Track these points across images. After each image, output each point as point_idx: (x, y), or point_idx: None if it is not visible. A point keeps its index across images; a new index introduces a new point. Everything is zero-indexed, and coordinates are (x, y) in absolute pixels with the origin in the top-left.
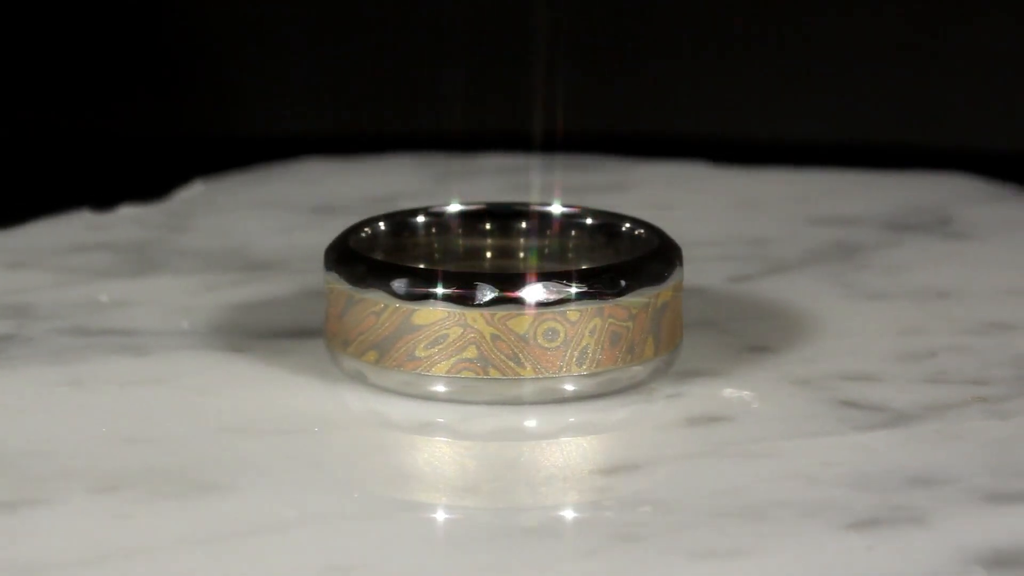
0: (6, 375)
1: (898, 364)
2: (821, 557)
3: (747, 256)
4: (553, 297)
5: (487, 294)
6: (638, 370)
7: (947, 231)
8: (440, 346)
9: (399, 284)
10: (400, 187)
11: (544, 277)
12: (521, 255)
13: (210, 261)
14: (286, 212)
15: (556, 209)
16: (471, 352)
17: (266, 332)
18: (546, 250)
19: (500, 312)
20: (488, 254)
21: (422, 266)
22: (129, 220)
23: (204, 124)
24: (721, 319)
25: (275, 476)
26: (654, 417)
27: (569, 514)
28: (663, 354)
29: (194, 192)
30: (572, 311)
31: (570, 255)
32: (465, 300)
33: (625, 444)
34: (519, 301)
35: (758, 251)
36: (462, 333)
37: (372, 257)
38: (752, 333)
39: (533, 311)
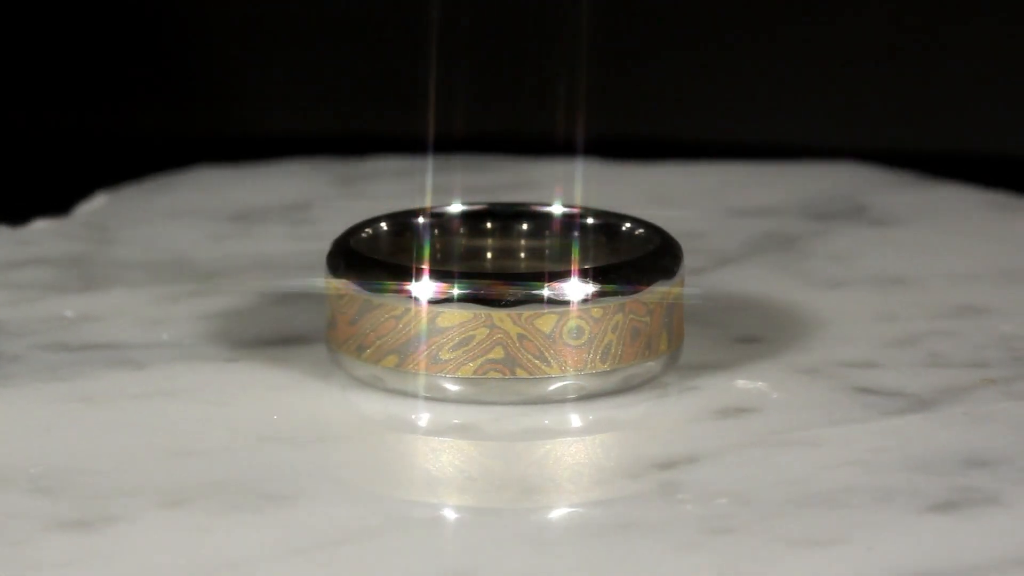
0: (10, 393)
1: (891, 350)
2: (918, 541)
3: (688, 250)
4: (579, 295)
5: (515, 294)
6: (653, 365)
7: (869, 218)
8: (466, 348)
9: (423, 287)
10: (305, 193)
11: (566, 276)
12: (522, 255)
13: (157, 273)
14: (205, 221)
15: (557, 209)
16: (497, 353)
17: (251, 341)
18: (547, 251)
19: (527, 312)
20: (489, 255)
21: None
22: (49, 234)
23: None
24: (700, 312)
25: (340, 483)
26: (682, 411)
27: (653, 509)
28: (674, 348)
29: (98, 204)
30: (596, 308)
31: (572, 255)
32: (491, 301)
33: (667, 438)
34: (545, 300)
35: (696, 244)
36: (488, 334)
37: (390, 261)
38: (736, 324)
39: (559, 309)
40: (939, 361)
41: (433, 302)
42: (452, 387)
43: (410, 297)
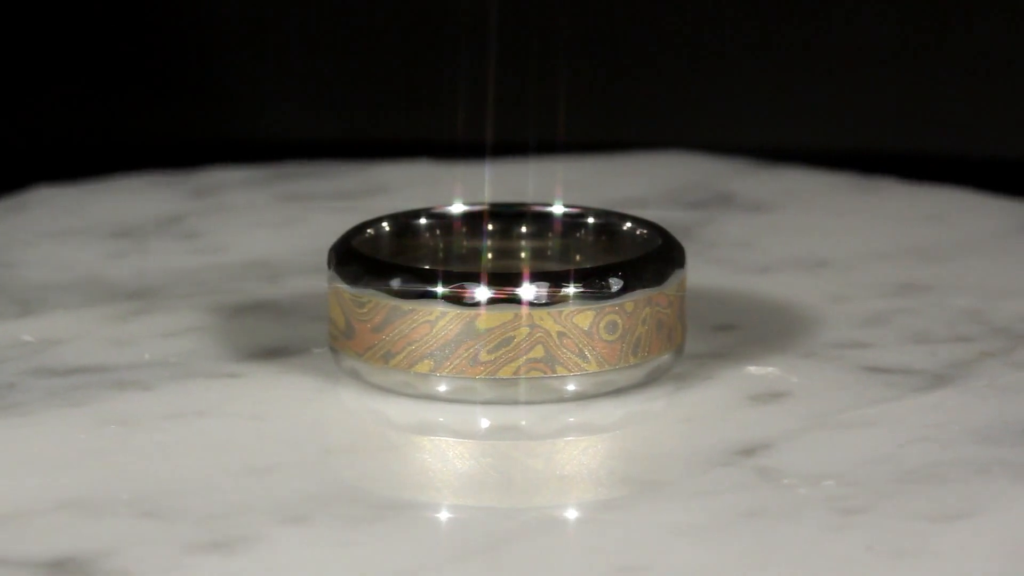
0: (33, 420)
1: (869, 330)
2: None
3: None
4: (615, 289)
5: (555, 292)
6: (671, 357)
7: (742, 205)
8: (506, 348)
9: (463, 290)
10: (165, 207)
11: (599, 271)
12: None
13: (86, 294)
14: (92, 240)
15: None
16: (538, 352)
17: (239, 355)
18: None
19: (567, 309)
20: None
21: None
22: None
23: None
24: None
25: (447, 489)
26: (721, 399)
27: (769, 496)
28: (684, 339)
29: None
30: (628, 302)
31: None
32: (532, 300)
33: (725, 427)
34: (585, 296)
35: None
36: (529, 333)
37: (418, 266)
38: (701, 314)
39: (597, 305)
40: (923, 338)
41: (471, 304)
42: (491, 389)
43: (446, 301)
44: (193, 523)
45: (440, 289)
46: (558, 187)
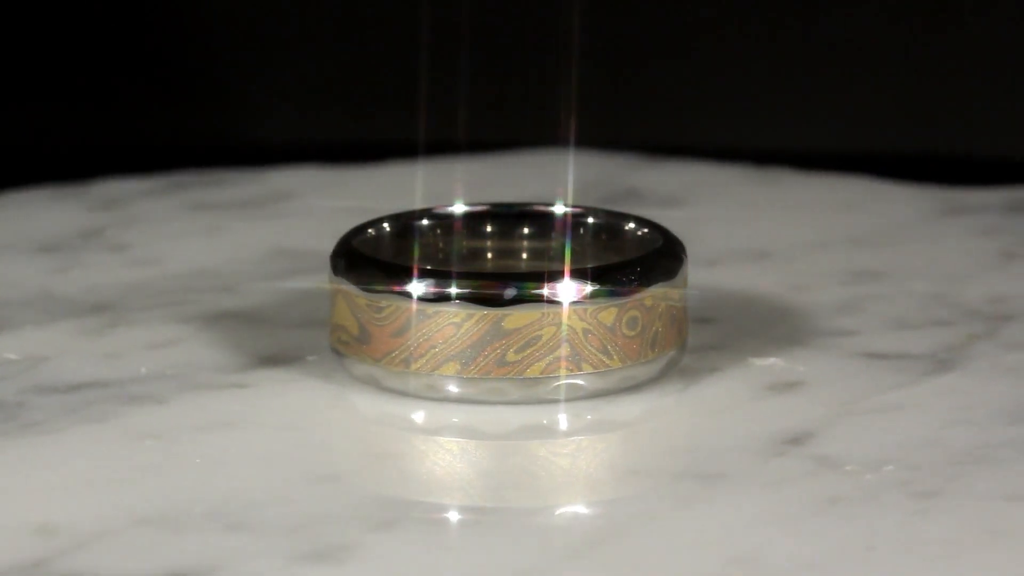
0: (60, 439)
1: (847, 318)
2: None
3: None
4: (634, 286)
5: (581, 289)
6: (677, 352)
7: (654, 200)
8: (533, 347)
9: (486, 290)
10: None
11: (618, 268)
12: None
13: (43, 310)
14: (20, 255)
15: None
16: (564, 350)
17: (236, 364)
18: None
19: (592, 306)
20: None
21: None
22: None
23: None
24: None
25: (522, 489)
26: (733, 390)
27: (834, 483)
28: (688, 333)
29: None
30: (648, 297)
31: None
32: (563, 298)
33: (759, 418)
34: (608, 293)
35: None
36: (555, 332)
37: (443, 269)
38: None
39: (619, 301)
40: (903, 323)
41: (497, 304)
42: (518, 389)
43: (472, 303)
44: (285, 534)
45: (467, 291)
46: (457, 187)
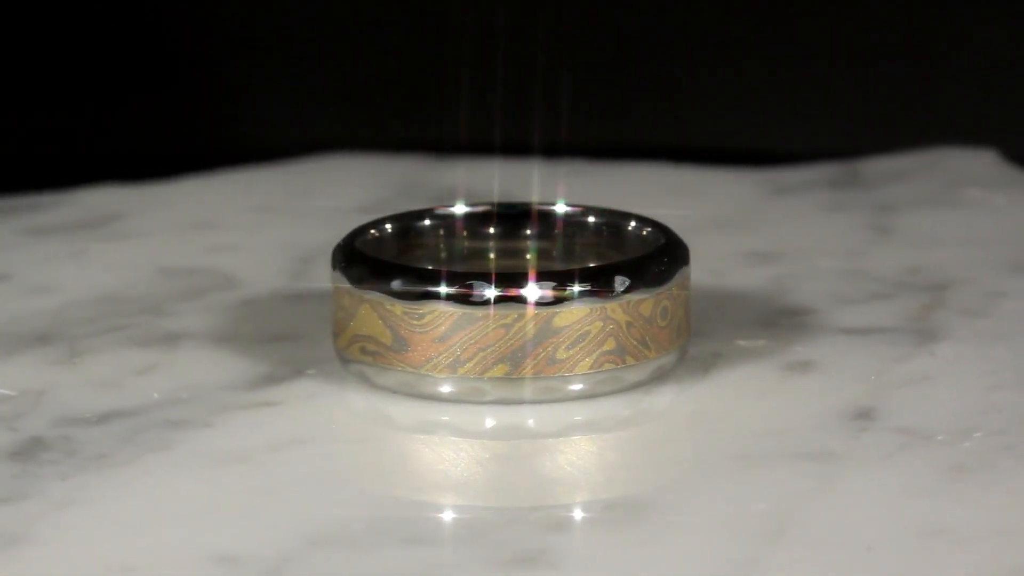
0: (146, 469)
1: (793, 296)
2: None
3: None
4: (665, 276)
5: (624, 283)
6: (687, 340)
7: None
8: (581, 344)
9: (537, 289)
10: None
11: (649, 259)
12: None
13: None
14: None
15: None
16: (610, 344)
17: (245, 383)
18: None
19: (635, 298)
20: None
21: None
22: None
23: None
24: None
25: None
26: (753, 374)
27: (941, 452)
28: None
29: None
30: (676, 288)
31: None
32: (603, 293)
33: (800, 397)
34: (647, 286)
35: None
36: (602, 327)
37: (487, 271)
38: None
39: (655, 292)
40: (850, 298)
41: (546, 303)
42: (570, 386)
43: (522, 303)
44: (470, 544)
45: (519, 291)
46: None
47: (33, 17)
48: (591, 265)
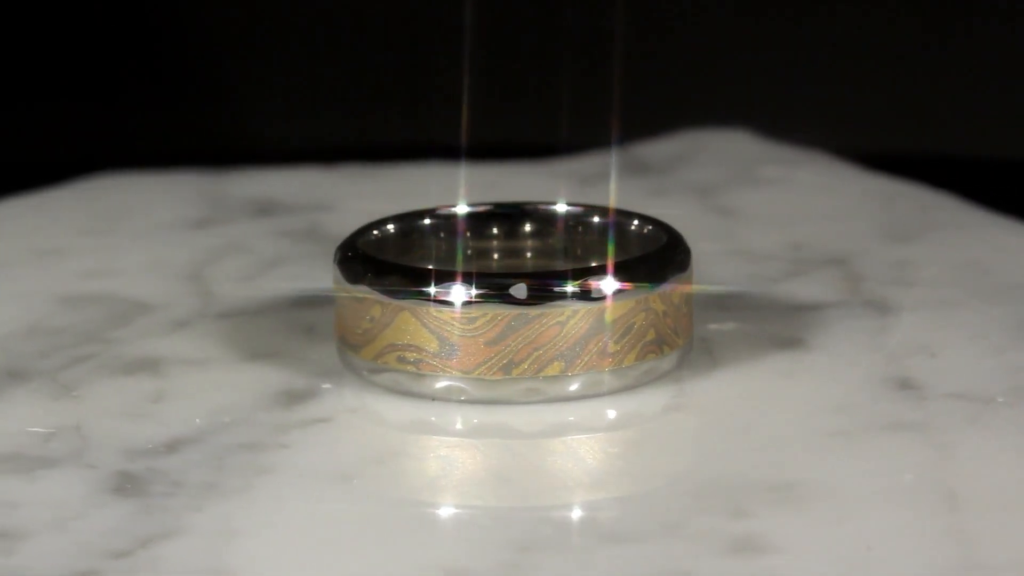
0: (272, 493)
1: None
2: None
3: None
4: (685, 264)
5: (665, 275)
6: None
7: None
8: (627, 336)
9: (592, 286)
10: None
11: (671, 250)
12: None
13: None
14: None
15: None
16: (651, 335)
17: (276, 402)
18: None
19: (668, 288)
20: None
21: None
22: None
23: None
24: None
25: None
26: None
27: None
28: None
29: None
30: (692, 274)
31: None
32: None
33: (818, 371)
34: (679, 276)
35: None
36: (645, 317)
37: (537, 271)
38: None
39: (683, 278)
40: (769, 278)
41: (599, 298)
42: (616, 380)
43: (576, 299)
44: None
45: (570, 288)
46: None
47: None
48: (631, 257)
